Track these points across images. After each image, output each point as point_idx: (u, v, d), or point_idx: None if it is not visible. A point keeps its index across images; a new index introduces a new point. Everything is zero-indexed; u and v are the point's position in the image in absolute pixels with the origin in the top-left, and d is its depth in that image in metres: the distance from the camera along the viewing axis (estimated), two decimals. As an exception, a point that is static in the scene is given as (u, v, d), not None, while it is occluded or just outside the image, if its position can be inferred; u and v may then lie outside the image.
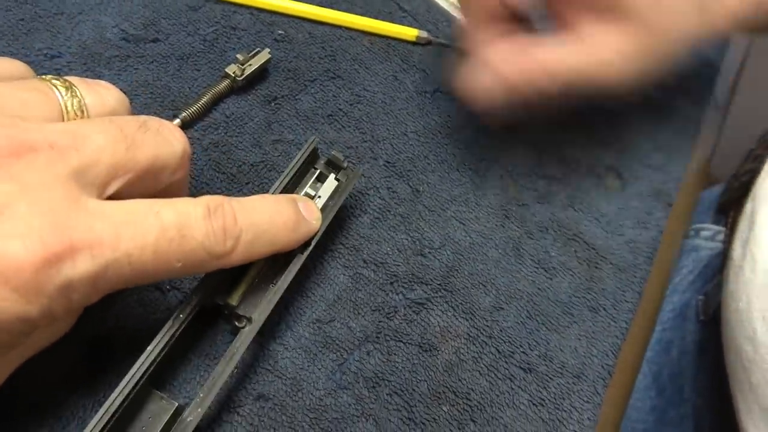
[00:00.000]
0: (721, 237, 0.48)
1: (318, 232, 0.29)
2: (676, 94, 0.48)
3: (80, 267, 0.20)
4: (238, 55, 0.37)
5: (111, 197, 0.22)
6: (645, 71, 0.31)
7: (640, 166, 0.43)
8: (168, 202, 0.22)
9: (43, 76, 0.24)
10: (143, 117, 0.24)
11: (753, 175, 0.35)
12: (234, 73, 0.37)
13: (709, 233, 0.49)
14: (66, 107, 0.23)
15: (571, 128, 0.43)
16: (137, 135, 0.23)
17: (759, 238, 0.32)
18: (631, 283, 0.37)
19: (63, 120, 0.23)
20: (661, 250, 0.39)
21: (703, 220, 0.50)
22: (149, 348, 0.24)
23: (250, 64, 0.37)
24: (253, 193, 0.34)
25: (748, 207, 0.34)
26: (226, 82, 0.37)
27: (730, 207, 0.37)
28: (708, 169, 0.47)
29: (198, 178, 0.34)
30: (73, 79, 0.24)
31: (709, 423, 0.41)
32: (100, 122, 0.23)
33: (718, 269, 0.40)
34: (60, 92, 0.23)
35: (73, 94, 0.24)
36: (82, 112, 0.24)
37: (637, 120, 0.45)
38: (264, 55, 0.38)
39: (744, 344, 0.31)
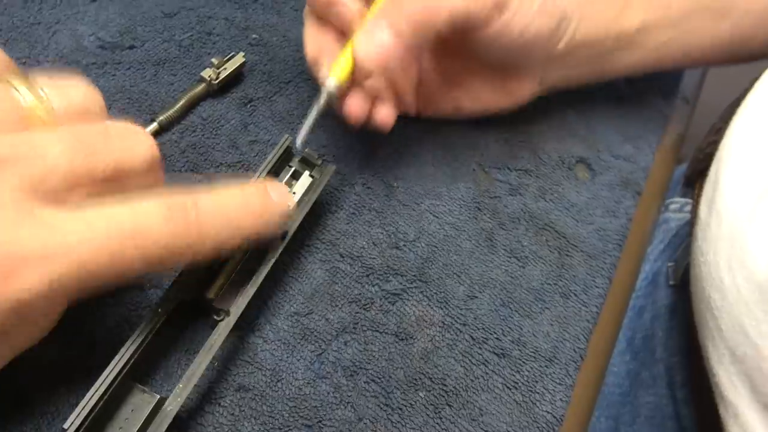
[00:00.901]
0: (688, 208, 0.50)
1: (293, 225, 0.30)
2: (644, 87, 0.50)
3: (29, 282, 0.20)
4: (213, 60, 0.38)
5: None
6: None
7: (609, 157, 0.44)
8: (125, 204, 0.22)
9: (8, 78, 0.23)
10: (108, 123, 0.24)
11: (716, 146, 0.37)
12: (209, 77, 0.38)
13: (678, 206, 0.51)
14: (30, 109, 0.23)
15: (542, 120, 0.44)
16: (98, 143, 0.23)
17: (723, 194, 0.34)
18: (601, 269, 0.38)
19: (28, 121, 0.23)
20: (631, 238, 0.41)
21: (671, 195, 0.52)
22: (128, 342, 0.25)
23: (225, 68, 0.38)
24: (230, 193, 0.35)
25: (712, 169, 0.36)
26: (202, 86, 0.38)
27: (696, 179, 0.39)
28: (676, 159, 0.49)
29: (176, 179, 0.34)
30: (40, 79, 0.24)
31: (680, 380, 0.43)
32: (59, 131, 0.22)
33: (686, 236, 0.41)
34: (22, 94, 0.23)
35: (38, 96, 0.23)
36: (48, 113, 0.23)
37: (607, 112, 0.47)
38: (239, 59, 0.39)
39: (713, 293, 0.32)
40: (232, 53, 0.39)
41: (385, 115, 0.34)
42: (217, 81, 0.38)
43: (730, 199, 0.34)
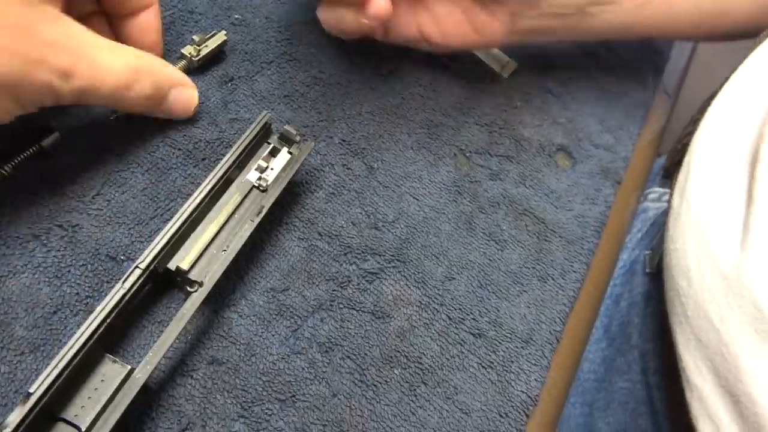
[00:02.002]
0: (666, 198, 0.50)
1: (270, 199, 0.30)
2: (626, 78, 0.50)
3: None
4: (195, 37, 0.38)
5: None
6: None
7: (590, 146, 0.44)
8: None
9: None
10: None
11: (692, 136, 0.37)
12: (190, 53, 0.37)
13: (656, 195, 0.52)
14: None
15: (523, 108, 0.44)
16: None
17: (693, 185, 0.34)
18: (578, 254, 0.38)
19: None
20: (609, 225, 0.41)
21: (651, 185, 0.53)
22: (98, 308, 0.25)
23: (206, 46, 0.38)
24: (209, 170, 0.35)
25: (686, 160, 0.37)
26: (182, 63, 0.37)
27: (674, 170, 0.39)
28: (656, 151, 0.49)
29: (153, 153, 0.34)
30: None
31: (653, 366, 0.43)
32: None
33: (663, 225, 0.42)
34: None
35: None
36: None
37: (589, 102, 0.47)
38: (220, 37, 0.38)
39: (680, 281, 0.33)
40: (214, 31, 0.39)
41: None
42: (197, 58, 0.37)
43: (698, 189, 0.34)
